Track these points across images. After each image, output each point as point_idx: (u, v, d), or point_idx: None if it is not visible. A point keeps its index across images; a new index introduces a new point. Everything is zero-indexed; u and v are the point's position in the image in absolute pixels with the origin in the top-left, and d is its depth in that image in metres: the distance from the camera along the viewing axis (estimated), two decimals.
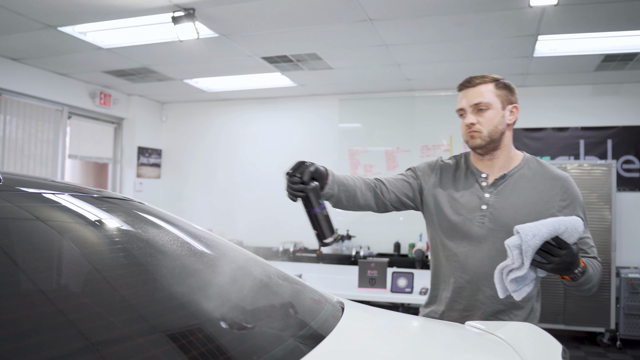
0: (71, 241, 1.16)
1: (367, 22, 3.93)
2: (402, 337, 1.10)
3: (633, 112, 5.50)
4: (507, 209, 1.68)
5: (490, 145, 1.72)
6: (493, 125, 1.71)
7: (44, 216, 1.21)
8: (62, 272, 1.04)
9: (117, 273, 1.14)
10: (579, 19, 3.79)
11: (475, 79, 1.78)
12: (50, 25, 4.06)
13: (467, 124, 1.73)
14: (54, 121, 5.72)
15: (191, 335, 0.92)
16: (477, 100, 1.72)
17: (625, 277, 5.01)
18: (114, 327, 0.88)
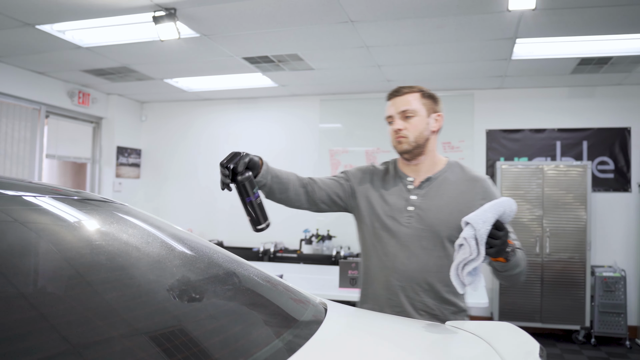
0: (51, 245, 1.16)
1: (348, 23, 3.95)
2: (386, 338, 1.12)
3: (607, 114, 5.63)
4: (432, 210, 1.80)
5: (416, 150, 1.86)
6: (418, 131, 1.85)
7: (23, 219, 1.21)
8: (42, 275, 1.03)
9: (99, 277, 1.14)
10: (556, 23, 3.87)
11: (403, 89, 1.90)
12: (28, 23, 4.01)
13: (395, 130, 1.85)
14: (31, 120, 5.63)
15: (171, 338, 0.92)
16: (404, 108, 1.85)
17: (599, 276, 5.13)
18: (96, 331, 0.88)
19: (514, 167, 5.38)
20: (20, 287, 0.94)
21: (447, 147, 6.02)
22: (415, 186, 1.87)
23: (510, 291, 5.23)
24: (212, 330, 0.98)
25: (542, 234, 5.21)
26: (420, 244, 1.78)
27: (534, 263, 5.22)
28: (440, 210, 1.79)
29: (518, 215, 5.30)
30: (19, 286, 0.94)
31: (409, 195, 1.86)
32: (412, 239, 1.80)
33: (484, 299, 3.62)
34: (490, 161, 5.90)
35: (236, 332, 0.98)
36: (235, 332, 0.99)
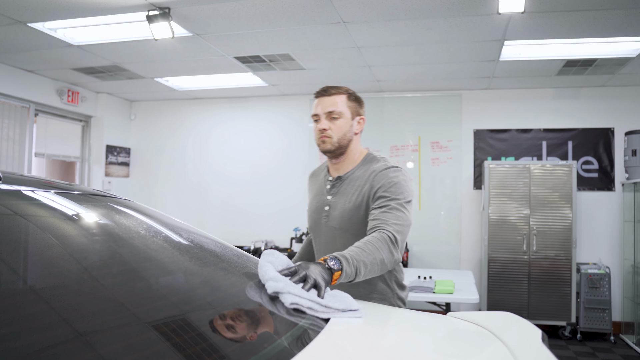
0: (66, 237, 1.19)
1: (340, 24, 4.00)
2: (390, 330, 1.17)
3: (592, 115, 5.75)
4: (337, 209, 1.92)
5: (338, 151, 1.94)
6: (342, 133, 1.92)
7: (37, 213, 1.24)
8: (59, 269, 1.06)
9: (112, 271, 1.17)
10: (543, 26, 3.96)
11: (331, 89, 1.95)
12: (20, 21, 3.99)
13: (320, 129, 1.92)
14: (20, 119, 5.59)
15: (174, 335, 0.91)
16: (331, 109, 1.91)
17: (585, 273, 5.24)
18: (111, 326, 0.89)
19: (501, 167, 5.47)
20: (40, 282, 0.96)
21: (435, 147, 6.10)
22: (331, 186, 1.98)
23: (498, 288, 5.33)
24: (212, 329, 1.01)
25: (529, 232, 5.31)
26: (336, 242, 1.91)
27: (521, 261, 5.32)
28: (344, 209, 1.90)
29: (505, 213, 5.40)
30: (38, 281, 0.97)
31: (326, 195, 1.98)
32: (329, 237, 1.95)
33: (475, 295, 3.69)
34: (477, 161, 5.99)
35: (237, 329, 1.03)
36: (236, 330, 1.03)
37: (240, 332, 1.02)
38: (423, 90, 6.18)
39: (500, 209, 5.43)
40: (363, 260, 1.56)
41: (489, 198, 5.45)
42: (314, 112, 1.96)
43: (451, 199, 6.08)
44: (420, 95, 6.23)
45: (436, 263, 5.97)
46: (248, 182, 6.66)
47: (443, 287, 3.70)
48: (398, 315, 1.30)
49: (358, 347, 1.00)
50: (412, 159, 6.16)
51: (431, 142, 6.13)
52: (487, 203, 5.45)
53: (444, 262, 5.97)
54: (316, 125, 1.96)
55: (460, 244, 6.01)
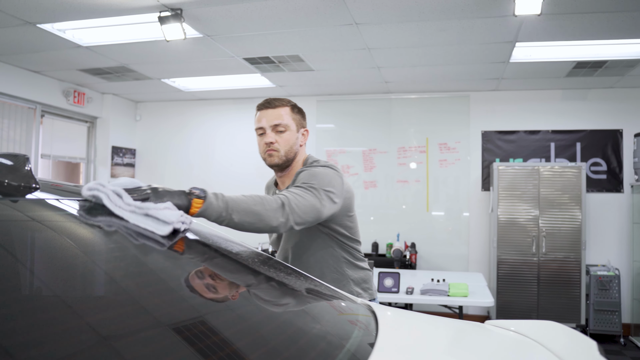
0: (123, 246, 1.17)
1: (352, 25, 3.98)
2: (439, 342, 1.14)
3: (600, 116, 5.74)
4: None
5: (285, 164, 1.92)
6: (289, 146, 1.90)
7: (74, 228, 1.21)
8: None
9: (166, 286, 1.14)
10: (556, 28, 3.94)
11: (275, 102, 1.92)
12: (30, 22, 3.96)
13: (267, 143, 1.89)
14: (27, 120, 5.56)
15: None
16: (277, 122, 1.89)
17: (594, 275, 5.23)
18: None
19: (511, 168, 5.46)
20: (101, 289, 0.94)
21: (443, 148, 6.08)
22: None
23: (508, 290, 5.31)
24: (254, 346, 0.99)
25: (539, 234, 5.30)
26: (293, 250, 1.97)
27: (530, 262, 5.31)
28: None
29: (515, 215, 5.38)
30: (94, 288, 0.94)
31: None
32: (288, 245, 1.99)
33: (489, 298, 3.68)
34: (485, 162, 5.97)
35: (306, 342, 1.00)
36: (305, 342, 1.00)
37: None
38: (431, 92, 6.16)
39: (509, 211, 5.41)
40: (239, 203, 1.46)
41: (498, 199, 5.43)
42: (258, 125, 1.91)
43: (459, 200, 6.06)
44: (428, 97, 6.21)
45: (444, 265, 5.95)
46: (254, 183, 6.60)
47: (457, 290, 3.68)
48: (439, 325, 1.27)
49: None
50: (420, 161, 6.14)
51: (439, 144, 6.10)
52: (496, 204, 5.43)
53: (452, 264, 5.95)
54: (261, 138, 1.92)
55: (468, 245, 6.00)
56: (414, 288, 3.80)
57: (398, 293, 3.76)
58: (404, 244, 5.89)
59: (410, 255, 5.71)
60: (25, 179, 1.18)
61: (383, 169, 6.24)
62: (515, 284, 5.35)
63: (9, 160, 1.24)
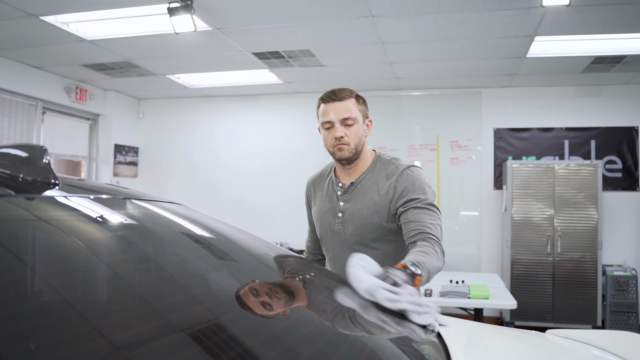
0: (138, 242, 1.04)
1: (368, 18, 3.84)
2: (510, 355, 1.01)
3: (615, 113, 5.61)
4: (355, 215, 1.86)
5: (354, 157, 1.88)
6: (358, 138, 1.86)
7: (99, 219, 1.08)
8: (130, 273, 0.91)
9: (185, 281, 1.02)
10: (579, 21, 3.81)
11: (341, 93, 1.87)
12: (33, 14, 3.81)
13: (337, 137, 1.84)
14: (27, 117, 5.41)
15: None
16: (346, 115, 1.84)
17: (611, 275, 5.11)
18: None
19: (525, 166, 5.33)
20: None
21: (454, 146, 5.95)
22: (342, 192, 1.92)
23: (522, 291, 5.18)
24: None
25: (554, 233, 5.17)
26: (352, 248, 1.82)
27: (545, 263, 5.18)
28: (361, 215, 1.85)
29: (529, 214, 5.26)
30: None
31: (338, 201, 1.93)
32: (344, 244, 1.89)
33: (511, 301, 3.55)
34: (498, 160, 5.85)
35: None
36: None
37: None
38: (442, 88, 6.02)
39: (523, 210, 5.29)
40: (429, 267, 1.53)
41: (512, 198, 5.30)
42: (326, 119, 1.85)
43: (471, 199, 5.93)
44: (439, 93, 6.08)
45: (455, 265, 5.82)
46: (261, 181, 6.49)
47: (478, 292, 3.55)
48: (508, 337, 1.14)
49: None
50: (431, 159, 6.01)
51: (450, 141, 5.97)
52: (510, 203, 5.30)
53: (464, 264, 5.82)
54: (328, 132, 1.87)
55: (480, 245, 5.87)
56: (432, 290, 3.67)
57: None
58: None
59: None
60: (43, 173, 1.04)
61: None
62: (529, 284, 5.22)
63: (24, 151, 1.11)
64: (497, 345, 1.05)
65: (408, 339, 1.15)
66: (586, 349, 1.17)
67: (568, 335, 1.27)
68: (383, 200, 1.82)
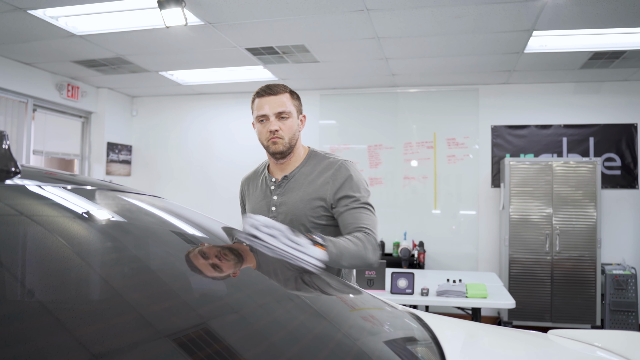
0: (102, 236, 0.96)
1: (363, 12, 3.76)
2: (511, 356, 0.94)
3: (614, 110, 5.55)
4: (289, 207, 1.87)
5: (288, 151, 1.89)
6: (292, 133, 1.88)
7: (57, 215, 1.00)
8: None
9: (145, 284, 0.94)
10: (578, 15, 3.74)
11: (276, 88, 1.89)
12: (20, 7, 3.72)
13: (272, 130, 1.86)
14: (18, 114, 5.32)
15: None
16: (280, 109, 1.86)
17: (610, 274, 5.04)
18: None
19: (522, 164, 5.26)
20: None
21: (451, 144, 5.87)
22: (276, 187, 1.93)
23: (520, 290, 5.10)
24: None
25: (552, 232, 5.10)
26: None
27: (543, 261, 5.11)
28: (295, 206, 1.85)
29: (527, 212, 5.19)
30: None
31: (271, 196, 1.93)
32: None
33: (510, 300, 3.47)
34: (495, 157, 5.77)
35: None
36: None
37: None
38: (438, 85, 5.95)
39: (521, 208, 5.21)
40: (348, 248, 1.64)
41: (510, 196, 5.23)
42: (261, 113, 1.87)
43: (467, 197, 5.86)
44: (436, 90, 6.00)
45: (452, 264, 5.75)
46: None
47: (476, 291, 3.47)
48: (508, 339, 1.07)
49: None
50: (427, 156, 5.93)
51: (447, 139, 5.90)
52: (508, 202, 5.23)
53: (461, 264, 5.75)
54: (262, 125, 1.89)
55: (478, 244, 5.79)
56: (429, 289, 3.59)
57: (413, 294, 3.55)
58: (411, 242, 5.68)
59: (418, 255, 5.50)
60: (3, 161, 0.95)
61: (389, 165, 6.03)
62: (527, 283, 5.15)
63: None
64: (494, 346, 0.98)
65: (402, 340, 1.07)
66: (591, 351, 1.10)
67: (571, 335, 1.19)
68: (318, 194, 1.84)
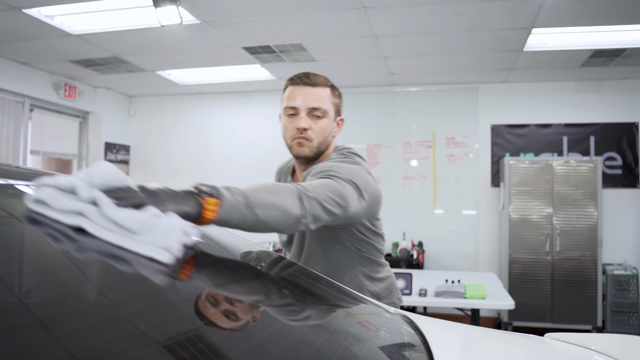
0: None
1: (360, 10, 3.73)
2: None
3: (615, 109, 5.50)
4: None
5: (315, 158, 1.57)
6: (324, 136, 1.56)
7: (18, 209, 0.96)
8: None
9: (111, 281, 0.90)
10: (578, 11, 3.70)
11: (316, 78, 1.57)
12: (14, 6, 3.69)
13: (300, 128, 1.52)
14: (14, 114, 5.28)
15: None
16: (316, 104, 1.53)
17: (611, 274, 4.99)
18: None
19: (522, 163, 5.21)
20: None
21: (450, 143, 5.83)
22: None
23: (520, 290, 5.06)
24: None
25: (552, 232, 5.05)
26: (308, 251, 1.64)
27: (543, 262, 5.07)
28: None
29: (527, 212, 5.14)
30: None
31: None
32: (298, 249, 1.67)
33: (509, 301, 3.43)
34: (495, 157, 5.73)
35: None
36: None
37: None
38: (437, 84, 5.91)
39: (521, 208, 5.17)
40: (257, 193, 1.06)
41: (510, 196, 5.18)
42: (292, 104, 1.53)
43: (467, 197, 5.82)
44: (435, 89, 5.96)
45: (452, 264, 5.71)
46: (253, 180, 6.35)
47: (475, 292, 3.43)
48: (501, 340, 1.03)
49: None
50: (427, 156, 5.89)
51: (446, 138, 5.86)
52: (508, 201, 5.18)
53: (460, 264, 5.70)
54: (290, 120, 1.55)
55: (477, 244, 5.75)
56: (427, 290, 3.55)
57: (411, 295, 3.51)
58: (410, 242, 5.64)
59: (417, 255, 5.45)
60: None
61: (388, 164, 5.99)
62: (528, 284, 5.11)
63: None
64: (487, 349, 0.94)
65: (388, 343, 1.03)
66: (587, 354, 1.06)
67: (567, 339, 1.15)
68: None
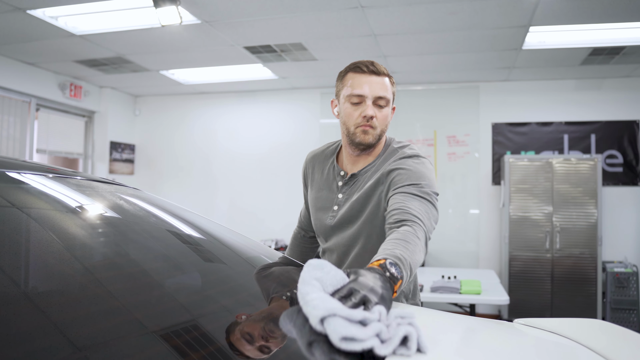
0: (64, 231, 0.98)
1: (358, 9, 3.77)
2: (468, 343, 0.94)
3: (615, 106, 5.51)
4: (345, 210, 1.61)
5: (375, 144, 1.59)
6: (385, 124, 1.58)
7: (30, 202, 1.03)
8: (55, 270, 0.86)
9: (117, 272, 0.96)
10: (574, 9, 3.72)
11: (380, 68, 1.57)
12: (19, 7, 3.77)
13: (367, 116, 1.52)
14: (21, 114, 5.38)
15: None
16: (382, 93, 1.53)
17: (611, 272, 5.00)
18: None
19: (522, 161, 5.24)
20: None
21: (451, 141, 5.86)
22: (343, 183, 1.65)
23: (520, 288, 5.09)
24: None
25: (552, 230, 5.07)
26: (342, 244, 1.64)
27: (543, 259, 5.09)
28: (351, 210, 1.59)
29: (527, 210, 5.17)
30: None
31: (337, 193, 1.66)
32: (335, 236, 1.67)
33: (504, 296, 3.47)
34: (496, 155, 5.75)
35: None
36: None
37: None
38: (438, 83, 5.94)
39: (521, 206, 5.19)
40: (411, 261, 1.16)
41: (510, 194, 5.21)
42: (358, 92, 1.52)
43: (468, 195, 5.85)
44: (436, 88, 6.00)
45: (453, 262, 5.74)
46: (257, 178, 6.44)
47: (470, 288, 3.47)
48: (464, 323, 1.07)
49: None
50: (428, 154, 5.92)
51: (447, 137, 5.89)
52: (508, 199, 5.21)
53: (462, 261, 5.74)
54: (355, 108, 1.54)
55: (478, 242, 5.78)
56: (423, 285, 3.59)
57: None
58: None
59: None
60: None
61: None
62: (527, 281, 5.13)
63: None
64: (454, 334, 0.99)
65: None
66: (553, 337, 1.10)
67: (536, 324, 1.20)
68: (369, 196, 1.56)
